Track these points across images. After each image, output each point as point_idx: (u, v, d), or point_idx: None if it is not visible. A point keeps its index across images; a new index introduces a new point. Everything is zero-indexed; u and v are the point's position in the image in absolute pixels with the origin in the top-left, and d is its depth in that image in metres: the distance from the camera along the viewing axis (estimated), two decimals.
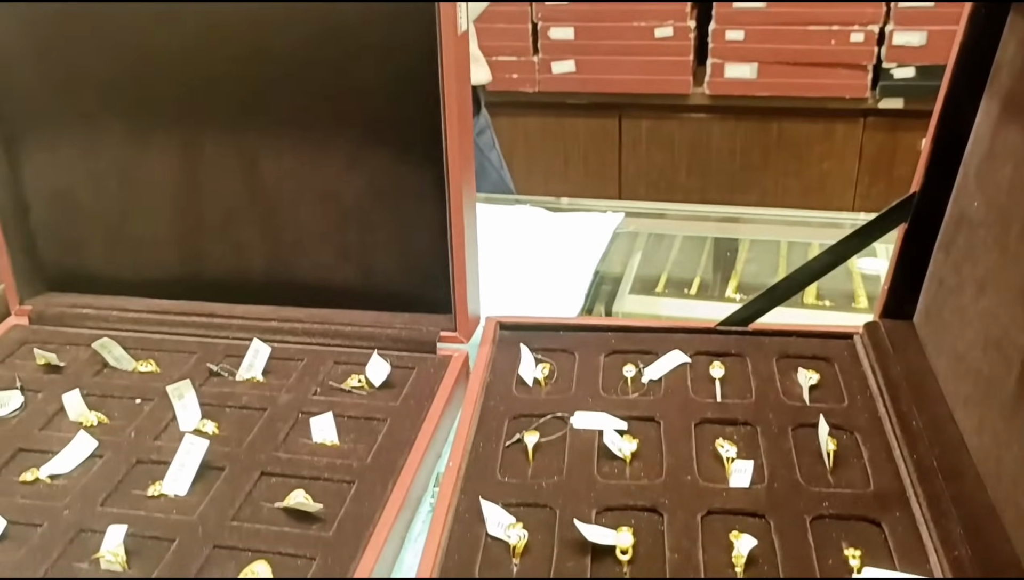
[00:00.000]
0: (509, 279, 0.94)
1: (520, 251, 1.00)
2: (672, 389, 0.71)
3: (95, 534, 0.59)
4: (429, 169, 0.72)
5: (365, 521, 0.59)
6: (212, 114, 0.75)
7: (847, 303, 1.03)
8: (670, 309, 1.03)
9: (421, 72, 0.69)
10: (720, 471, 0.63)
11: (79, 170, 0.80)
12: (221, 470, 0.64)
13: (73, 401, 0.70)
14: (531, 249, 1.01)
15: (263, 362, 0.74)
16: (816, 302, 1.05)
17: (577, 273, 0.96)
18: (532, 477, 0.63)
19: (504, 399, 0.70)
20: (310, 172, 0.75)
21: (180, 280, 0.82)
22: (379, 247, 0.77)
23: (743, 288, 1.07)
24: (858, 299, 1.04)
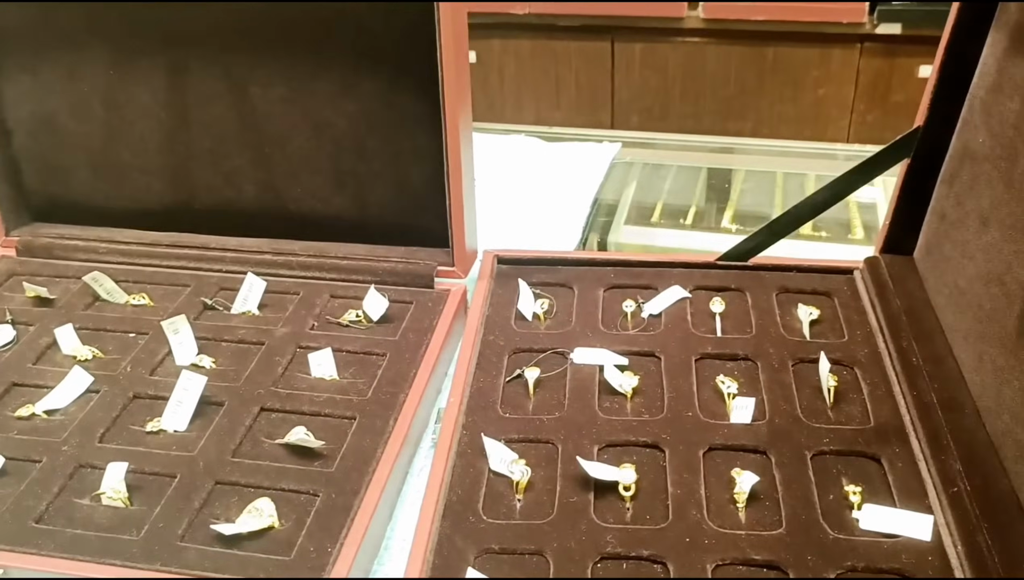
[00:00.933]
0: (505, 211, 0.93)
1: (516, 182, 0.98)
2: (672, 324, 0.70)
3: (95, 470, 0.58)
4: (424, 97, 0.71)
5: (367, 456, 0.58)
6: (200, 38, 0.73)
7: (843, 233, 1.03)
8: (666, 240, 1.03)
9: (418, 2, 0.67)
10: (721, 407, 0.63)
11: (62, 94, 0.78)
12: (220, 405, 0.63)
13: (66, 335, 0.70)
14: (527, 180, 1.00)
15: (258, 296, 0.74)
16: (813, 233, 1.04)
17: (574, 205, 0.95)
18: (533, 412, 0.63)
19: (503, 333, 0.70)
20: (301, 99, 0.73)
21: (170, 210, 0.80)
22: (374, 177, 0.75)
23: (739, 218, 1.06)
24: (854, 229, 1.04)
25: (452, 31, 0.65)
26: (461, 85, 0.68)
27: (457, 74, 0.67)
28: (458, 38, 0.66)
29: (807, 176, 1.14)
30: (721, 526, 0.54)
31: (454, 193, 0.71)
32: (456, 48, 0.66)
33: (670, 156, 1.19)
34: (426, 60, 0.68)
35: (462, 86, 0.68)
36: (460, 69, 0.68)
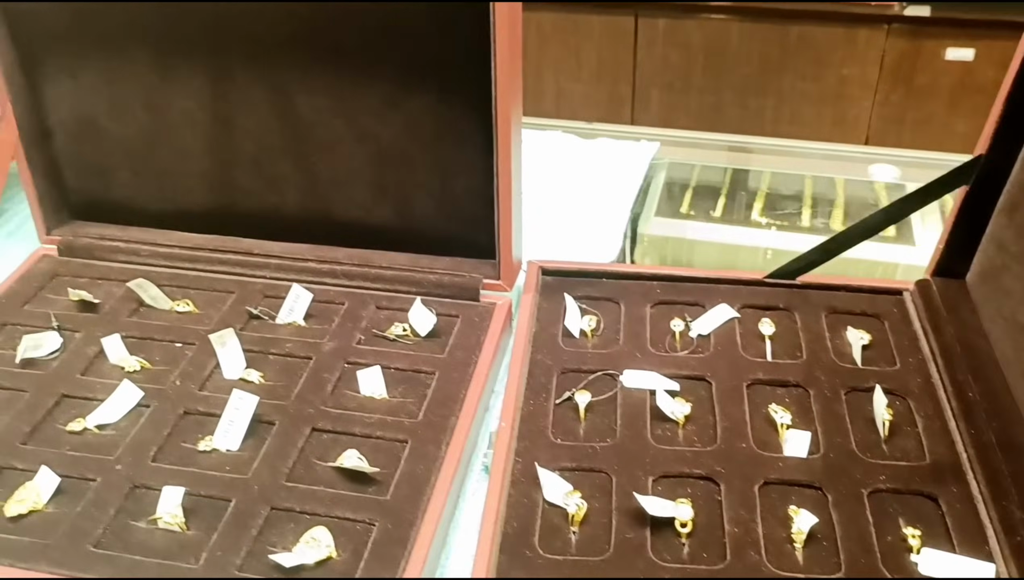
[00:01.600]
0: (543, 213, 0.92)
1: (553, 183, 0.97)
2: (721, 346, 0.70)
3: (149, 491, 0.58)
4: (473, 110, 0.70)
5: (421, 484, 0.58)
6: (245, 46, 0.72)
7: None
8: (695, 232, 1.02)
9: (471, 10, 0.65)
10: (774, 438, 0.62)
11: (103, 96, 0.77)
12: (271, 425, 0.63)
13: (113, 345, 0.69)
14: (565, 181, 0.98)
15: (304, 307, 0.73)
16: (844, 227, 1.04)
17: (613, 209, 0.94)
18: (585, 439, 0.63)
19: (551, 352, 0.69)
20: (348, 109, 0.72)
21: (211, 213, 0.80)
22: (418, 188, 0.75)
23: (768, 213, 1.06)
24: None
25: (508, 49, 0.64)
26: (514, 97, 0.67)
27: (511, 87, 0.66)
28: (513, 48, 0.65)
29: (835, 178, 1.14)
30: (780, 568, 0.54)
31: (503, 208, 0.71)
32: (511, 59, 0.65)
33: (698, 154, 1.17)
34: (477, 73, 0.67)
35: (515, 98, 0.67)
36: (514, 81, 0.67)
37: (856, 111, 2.18)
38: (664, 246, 1.00)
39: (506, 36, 0.64)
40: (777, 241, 1.01)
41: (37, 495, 0.58)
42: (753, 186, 1.13)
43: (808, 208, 1.08)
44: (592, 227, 0.90)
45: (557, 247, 0.85)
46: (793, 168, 1.17)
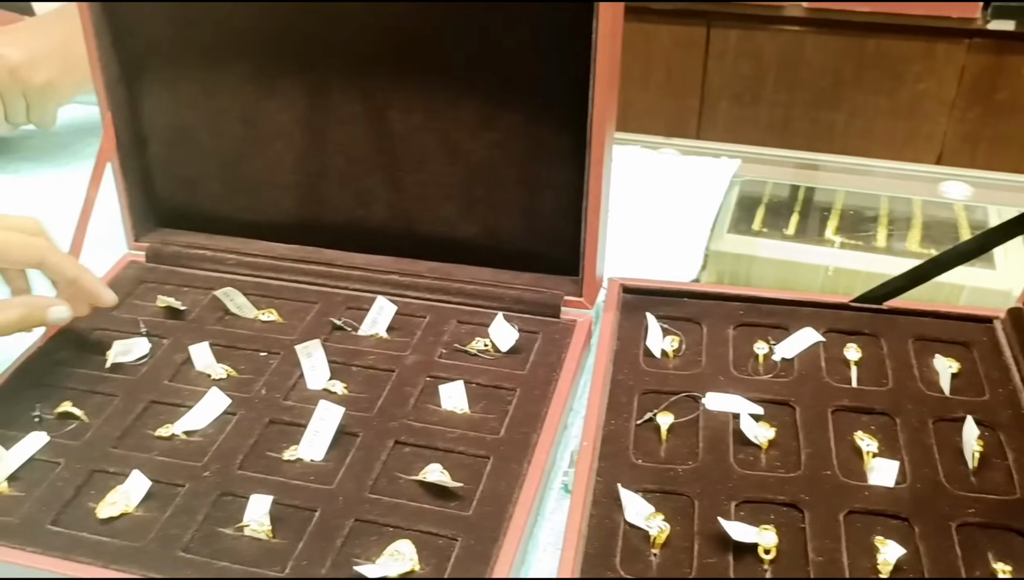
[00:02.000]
0: (622, 230, 0.92)
1: (632, 199, 0.97)
2: (806, 371, 0.69)
3: (236, 498, 0.59)
4: (566, 130, 0.70)
5: (503, 501, 0.59)
6: (342, 61, 0.73)
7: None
8: (768, 250, 1.01)
9: (571, 32, 0.66)
10: (859, 466, 0.62)
11: (200, 107, 0.79)
12: (355, 436, 0.64)
13: (201, 353, 0.71)
14: (643, 197, 0.98)
15: (387, 320, 0.74)
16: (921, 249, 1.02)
17: (694, 228, 0.93)
18: (666, 461, 0.62)
19: (633, 372, 0.69)
20: (440, 126, 0.73)
21: (297, 224, 0.81)
22: (506, 205, 0.75)
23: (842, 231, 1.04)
24: None
25: (608, 73, 0.64)
26: (609, 116, 0.67)
27: (608, 106, 0.66)
28: (612, 79, 0.65)
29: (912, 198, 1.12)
30: None
31: (591, 227, 0.71)
32: (610, 78, 0.65)
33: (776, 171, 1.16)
34: (571, 91, 0.68)
35: (610, 117, 0.67)
36: (611, 100, 0.67)
37: (930, 127, 2.14)
38: (736, 263, 0.99)
39: (607, 55, 0.64)
40: (852, 261, 1.00)
41: (128, 499, 0.59)
42: (826, 204, 1.11)
43: (884, 227, 1.06)
44: (671, 245, 0.90)
45: (635, 264, 0.85)
46: (866, 186, 1.15)
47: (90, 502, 0.59)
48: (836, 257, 1.00)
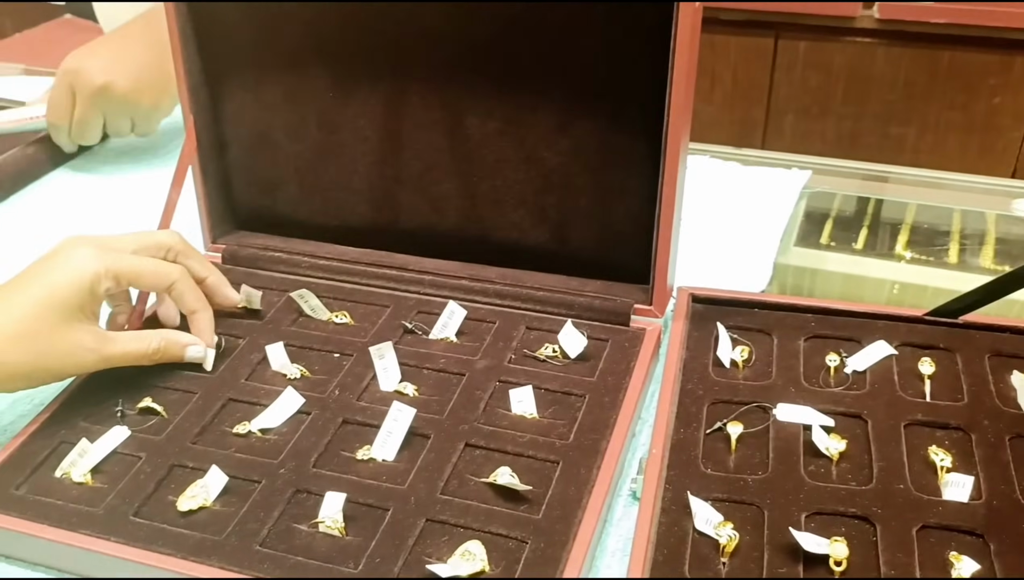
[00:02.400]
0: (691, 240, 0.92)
1: (701, 208, 0.97)
2: (878, 384, 0.68)
3: (310, 495, 0.61)
4: (642, 138, 0.70)
5: (573, 506, 0.59)
6: (420, 68, 0.74)
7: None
8: (836, 264, 1.00)
9: (649, 42, 0.66)
10: (933, 481, 0.61)
11: (279, 113, 0.81)
12: (426, 438, 0.65)
13: (276, 353, 0.72)
14: (712, 207, 0.98)
15: (458, 324, 0.75)
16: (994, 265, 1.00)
17: (763, 239, 0.93)
18: (736, 470, 0.62)
19: (702, 382, 0.69)
20: (516, 133, 0.74)
21: (372, 228, 0.82)
22: (579, 212, 0.76)
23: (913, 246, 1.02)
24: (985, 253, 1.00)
25: (685, 83, 0.64)
26: (685, 125, 0.67)
27: (683, 122, 0.67)
28: (689, 89, 0.66)
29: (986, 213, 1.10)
30: None
31: (663, 235, 0.71)
32: (686, 87, 0.66)
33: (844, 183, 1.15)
34: (647, 100, 0.68)
35: (686, 126, 0.68)
36: (686, 109, 0.67)
37: (1004, 143, 2.09)
38: (803, 277, 0.99)
39: (685, 59, 0.64)
40: (923, 277, 0.98)
41: (207, 493, 0.61)
42: (897, 217, 1.10)
43: (956, 243, 1.04)
44: (740, 256, 0.90)
45: (704, 275, 0.85)
46: (937, 200, 1.13)
47: (170, 495, 0.61)
48: (906, 272, 0.99)
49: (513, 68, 0.72)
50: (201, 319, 0.73)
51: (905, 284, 0.98)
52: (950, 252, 1.03)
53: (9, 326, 0.63)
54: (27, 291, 0.64)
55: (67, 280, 0.65)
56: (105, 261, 0.67)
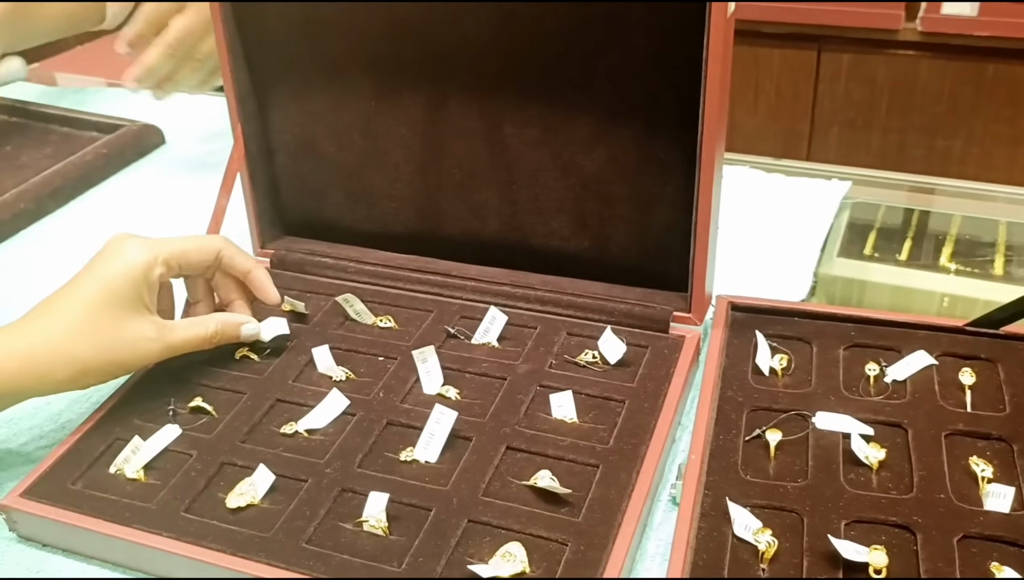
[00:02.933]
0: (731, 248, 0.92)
1: (741, 218, 0.97)
2: (918, 393, 0.68)
3: (355, 495, 0.62)
4: (678, 146, 0.71)
5: (613, 509, 0.60)
6: (461, 77, 0.76)
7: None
8: (879, 275, 1.00)
9: (683, 51, 0.67)
10: (974, 491, 0.61)
11: (325, 121, 0.83)
12: (468, 440, 0.66)
13: (322, 355, 0.74)
14: (752, 216, 0.98)
15: (499, 329, 0.76)
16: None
17: (803, 247, 0.93)
18: (775, 477, 0.63)
19: (741, 389, 0.70)
20: (554, 141, 0.75)
21: (416, 235, 0.84)
22: (617, 220, 0.77)
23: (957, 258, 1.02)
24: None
25: (718, 92, 0.65)
26: (719, 133, 0.68)
27: (718, 130, 0.67)
28: (723, 98, 0.66)
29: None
30: None
31: (700, 242, 0.72)
32: (720, 107, 0.66)
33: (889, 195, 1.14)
34: (683, 108, 0.69)
35: (720, 134, 0.69)
36: (721, 118, 0.68)
37: None
38: (847, 288, 0.98)
39: (717, 71, 0.65)
40: (968, 288, 0.98)
41: (255, 490, 0.63)
42: (941, 229, 1.09)
43: (1001, 255, 1.04)
44: (780, 264, 0.90)
45: (744, 283, 0.85)
46: (984, 212, 1.12)
47: (219, 492, 0.63)
48: (951, 284, 0.98)
49: (550, 77, 0.73)
50: (258, 276, 0.76)
51: (950, 295, 0.97)
52: (995, 264, 1.02)
53: (74, 323, 0.65)
54: (85, 288, 0.67)
55: (121, 272, 0.68)
56: (153, 248, 0.70)
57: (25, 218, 1.02)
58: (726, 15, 0.64)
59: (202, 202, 0.84)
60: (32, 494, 0.63)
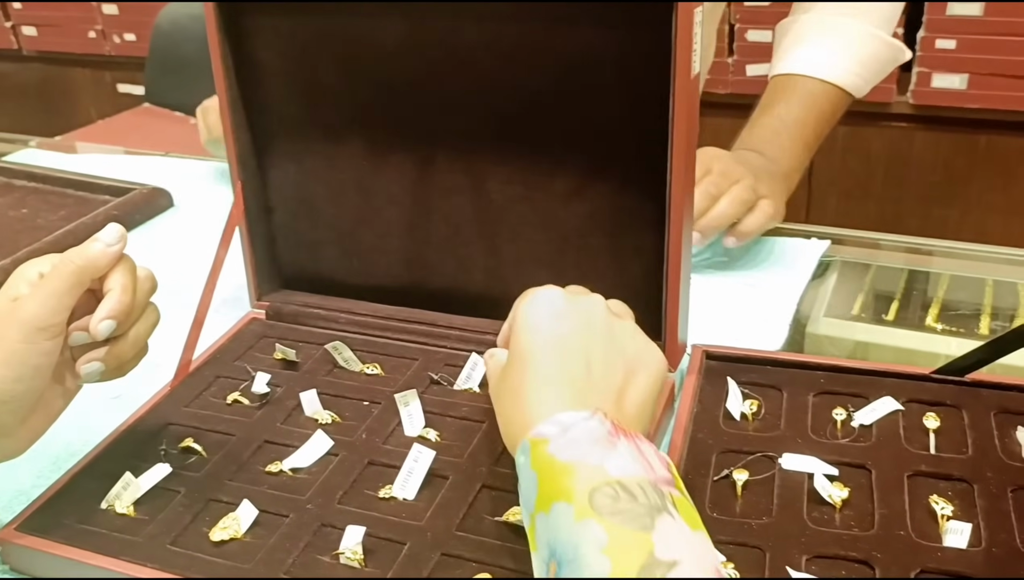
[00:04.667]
0: (710, 302, 0.95)
1: (721, 273, 1.01)
2: (884, 437, 0.70)
3: (335, 529, 0.64)
4: (651, 201, 0.75)
5: None
6: (447, 138, 0.80)
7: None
8: (867, 335, 1.02)
9: (652, 111, 0.71)
10: (934, 528, 0.62)
11: (321, 179, 0.87)
12: (445, 479, 0.68)
13: (310, 399, 0.77)
14: (732, 271, 1.02)
15: (480, 375, 0.79)
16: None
17: (780, 301, 0.96)
18: (741, 515, 0.65)
19: (712, 432, 0.72)
20: (535, 197, 0.79)
21: (404, 287, 0.87)
22: (595, 272, 0.80)
23: (944, 318, 1.04)
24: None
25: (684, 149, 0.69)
26: (687, 193, 0.72)
27: (685, 185, 0.71)
28: (689, 155, 0.70)
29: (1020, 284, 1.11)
30: None
31: (671, 290, 0.75)
32: (687, 164, 0.70)
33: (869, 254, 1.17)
34: (656, 165, 0.73)
35: (688, 194, 0.72)
36: (688, 180, 0.72)
37: None
38: (834, 347, 1.01)
39: (683, 131, 0.69)
40: (952, 348, 1.00)
41: (238, 525, 0.65)
42: (930, 290, 1.11)
43: (987, 315, 1.06)
44: (756, 317, 0.93)
45: (723, 334, 0.88)
46: (974, 271, 1.15)
47: (204, 527, 0.65)
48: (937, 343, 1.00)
49: (531, 137, 0.77)
50: None
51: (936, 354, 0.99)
52: (981, 323, 1.04)
53: None
54: None
55: None
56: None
57: None
58: (690, 76, 0.68)
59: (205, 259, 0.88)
60: (26, 528, 0.66)
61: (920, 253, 1.18)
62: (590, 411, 0.56)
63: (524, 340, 0.62)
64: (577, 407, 0.56)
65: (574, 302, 0.64)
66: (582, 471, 0.52)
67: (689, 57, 0.68)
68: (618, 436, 0.55)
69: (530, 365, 0.60)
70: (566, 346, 0.61)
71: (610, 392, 0.60)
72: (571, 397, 0.58)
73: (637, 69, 0.72)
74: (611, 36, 0.72)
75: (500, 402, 0.64)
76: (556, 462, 0.53)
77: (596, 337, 0.62)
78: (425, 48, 0.78)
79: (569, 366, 0.60)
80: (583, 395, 0.58)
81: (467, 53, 0.77)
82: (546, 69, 0.75)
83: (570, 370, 0.60)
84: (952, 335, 1.01)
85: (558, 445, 0.54)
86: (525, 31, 0.74)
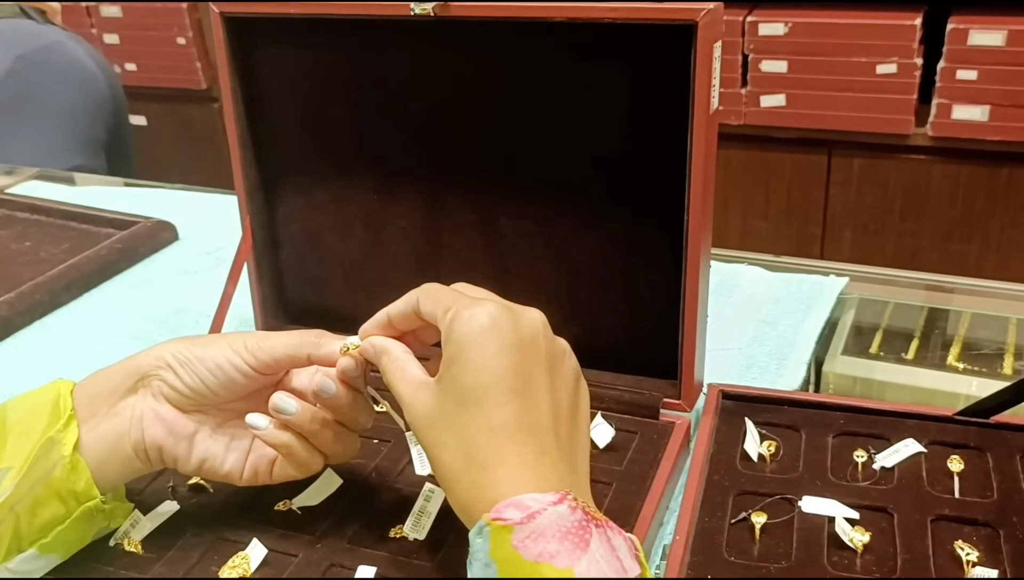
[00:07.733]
0: (726, 340, 0.94)
1: (737, 312, 0.99)
2: (906, 480, 0.69)
3: (344, 569, 0.63)
4: (666, 237, 0.74)
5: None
6: (458, 173, 0.80)
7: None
8: (885, 374, 1.00)
9: (666, 146, 0.70)
10: (959, 574, 0.61)
11: (329, 215, 0.86)
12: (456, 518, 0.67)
13: None
14: (748, 310, 1.00)
15: None
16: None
17: (798, 341, 0.94)
18: (759, 559, 0.63)
19: (729, 473, 0.71)
20: (547, 232, 0.78)
21: None
22: (608, 308, 0.79)
23: (965, 357, 1.02)
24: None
25: (702, 184, 0.68)
26: (705, 230, 0.71)
27: (703, 221, 0.70)
28: (707, 189, 0.69)
29: None
30: None
31: (688, 331, 0.74)
32: (704, 199, 0.69)
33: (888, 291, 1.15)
34: (670, 201, 0.72)
35: (706, 231, 0.71)
36: (705, 217, 0.71)
37: None
38: (852, 387, 0.99)
39: (701, 166, 0.68)
40: (973, 388, 0.98)
41: (247, 564, 0.64)
42: (951, 328, 1.10)
43: (1010, 354, 1.04)
44: (774, 356, 0.91)
45: (739, 373, 0.87)
46: (996, 309, 1.13)
47: (213, 565, 0.64)
48: (958, 383, 0.98)
49: (543, 172, 0.76)
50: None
51: (956, 394, 0.97)
52: (1004, 363, 1.02)
53: None
54: None
55: None
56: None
57: (41, 308, 1.05)
58: (708, 111, 0.68)
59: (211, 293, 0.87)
60: None
61: (940, 290, 1.16)
62: (556, 492, 0.50)
63: (471, 379, 0.53)
64: (540, 467, 0.52)
65: (517, 324, 0.56)
66: (549, 576, 0.47)
67: (708, 93, 0.67)
68: (589, 527, 0.50)
69: (481, 410, 0.53)
70: (520, 384, 0.53)
71: (563, 420, 0.55)
72: (533, 454, 0.52)
73: (651, 103, 0.71)
74: (625, 70, 0.71)
75: (440, 447, 0.55)
76: (521, 560, 0.48)
77: (541, 361, 0.56)
78: (435, 81, 0.78)
79: (527, 408, 0.53)
80: (544, 446, 0.53)
81: (478, 86, 0.76)
82: (558, 102, 0.74)
83: (528, 414, 0.53)
84: (974, 375, 0.99)
85: (522, 537, 0.48)
86: (537, 65, 0.74)
